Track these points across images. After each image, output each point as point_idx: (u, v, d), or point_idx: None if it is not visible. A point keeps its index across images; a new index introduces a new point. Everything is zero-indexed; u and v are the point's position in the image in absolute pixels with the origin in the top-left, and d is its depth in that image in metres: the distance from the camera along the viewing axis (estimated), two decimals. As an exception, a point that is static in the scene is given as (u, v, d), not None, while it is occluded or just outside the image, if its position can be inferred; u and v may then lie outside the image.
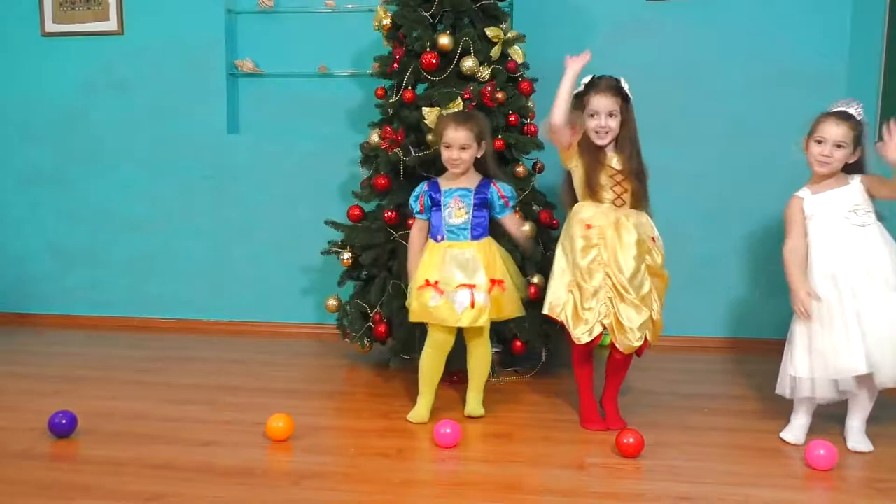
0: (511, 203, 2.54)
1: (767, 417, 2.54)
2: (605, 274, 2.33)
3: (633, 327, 2.32)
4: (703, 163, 3.43)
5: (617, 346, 2.35)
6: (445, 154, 2.46)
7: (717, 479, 2.09)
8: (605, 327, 2.35)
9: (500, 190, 2.51)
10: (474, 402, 2.57)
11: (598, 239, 2.36)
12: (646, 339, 2.36)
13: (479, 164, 2.53)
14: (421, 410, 2.51)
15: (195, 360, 3.31)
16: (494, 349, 2.95)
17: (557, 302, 2.41)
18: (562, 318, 2.40)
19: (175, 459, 2.19)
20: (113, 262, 3.92)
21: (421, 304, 2.44)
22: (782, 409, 2.46)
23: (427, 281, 2.43)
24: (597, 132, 2.37)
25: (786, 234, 2.36)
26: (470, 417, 2.54)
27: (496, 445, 2.34)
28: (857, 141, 2.27)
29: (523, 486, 2.04)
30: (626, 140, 2.39)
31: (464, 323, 2.40)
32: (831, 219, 2.28)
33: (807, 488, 2.07)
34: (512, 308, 2.50)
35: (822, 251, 2.28)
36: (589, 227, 2.37)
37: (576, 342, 2.37)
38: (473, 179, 2.52)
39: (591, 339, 2.35)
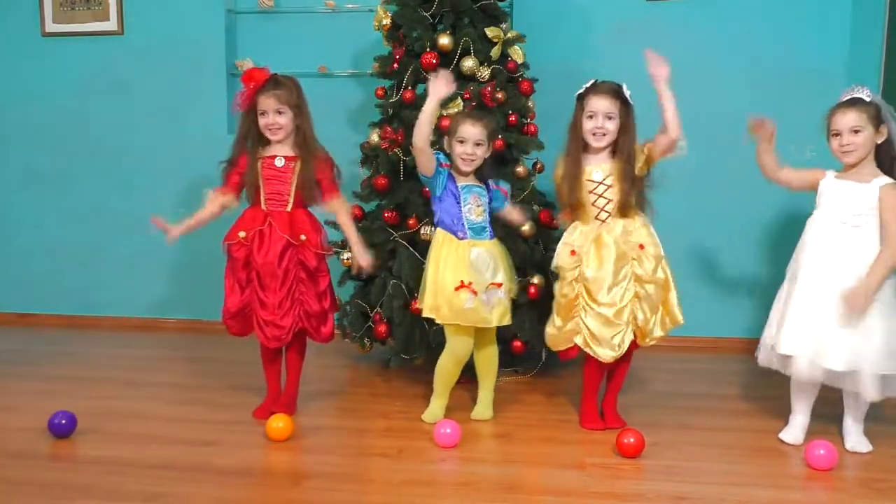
0: (509, 195, 2.56)
1: (767, 417, 2.55)
2: (579, 291, 2.38)
3: (605, 340, 2.36)
4: (703, 163, 3.42)
5: (597, 358, 2.39)
6: (459, 149, 2.42)
7: (716, 479, 2.09)
8: (574, 346, 2.42)
9: (501, 187, 2.53)
10: (484, 405, 2.56)
11: (578, 261, 2.39)
12: (633, 342, 2.39)
13: (479, 173, 2.51)
14: (435, 410, 2.51)
15: (195, 361, 3.31)
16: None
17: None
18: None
19: (175, 459, 2.19)
20: (112, 262, 3.92)
21: (456, 306, 2.37)
22: (782, 410, 2.47)
23: (462, 282, 2.37)
24: (594, 134, 2.36)
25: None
26: (476, 421, 2.53)
27: (496, 445, 2.35)
28: (876, 120, 2.24)
29: (523, 486, 2.04)
30: (626, 144, 2.37)
31: (495, 322, 2.41)
32: (831, 208, 2.28)
33: (807, 488, 2.07)
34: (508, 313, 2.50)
35: (815, 237, 2.30)
36: (573, 253, 2.40)
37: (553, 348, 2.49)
38: (478, 181, 2.50)
39: (558, 347, 2.46)
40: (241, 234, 2.45)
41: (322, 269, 2.51)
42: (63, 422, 2.34)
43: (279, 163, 2.46)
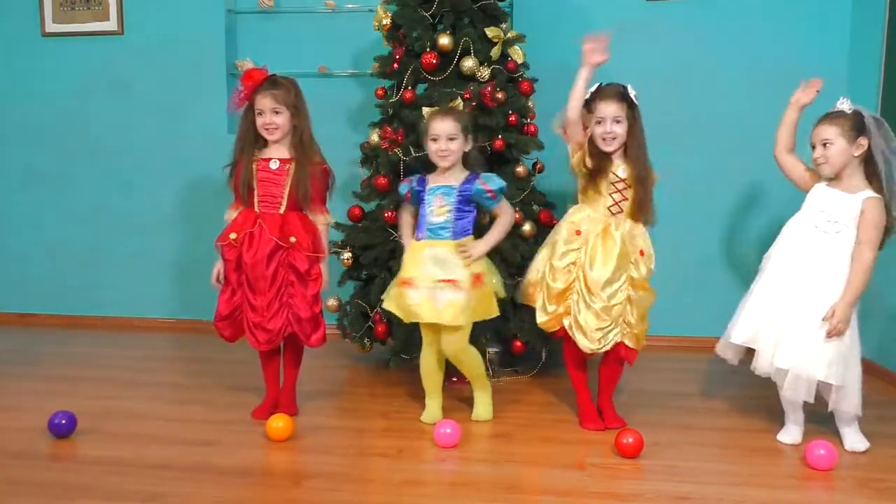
0: (498, 196, 2.47)
1: (767, 417, 2.54)
2: (577, 276, 2.38)
3: (590, 331, 2.36)
4: (703, 163, 3.43)
5: (577, 344, 2.40)
6: (433, 147, 2.43)
7: (716, 479, 2.10)
8: (563, 327, 2.42)
9: (485, 184, 2.44)
10: (481, 406, 2.56)
11: (581, 244, 2.39)
12: (623, 346, 2.40)
13: (465, 161, 2.50)
14: (433, 411, 2.51)
15: (195, 361, 3.31)
16: (494, 349, 2.95)
17: (526, 287, 2.53)
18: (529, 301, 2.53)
19: (175, 459, 2.20)
20: (113, 262, 3.93)
21: (402, 302, 2.42)
22: (781, 410, 2.46)
23: (403, 279, 2.42)
24: (603, 139, 2.37)
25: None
26: (477, 422, 2.53)
27: (496, 445, 2.35)
28: (855, 132, 2.25)
29: (523, 486, 2.05)
30: (634, 147, 2.39)
31: (445, 320, 2.37)
32: (808, 213, 2.31)
33: (806, 488, 2.07)
34: (487, 306, 2.44)
35: (787, 238, 2.34)
36: (578, 233, 2.41)
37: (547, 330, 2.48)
38: (459, 176, 2.47)
39: (552, 329, 2.46)
40: (232, 235, 2.44)
41: (314, 272, 2.47)
42: (63, 422, 2.34)
43: (273, 165, 2.45)
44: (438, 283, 2.37)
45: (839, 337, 2.21)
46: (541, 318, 2.46)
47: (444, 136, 2.41)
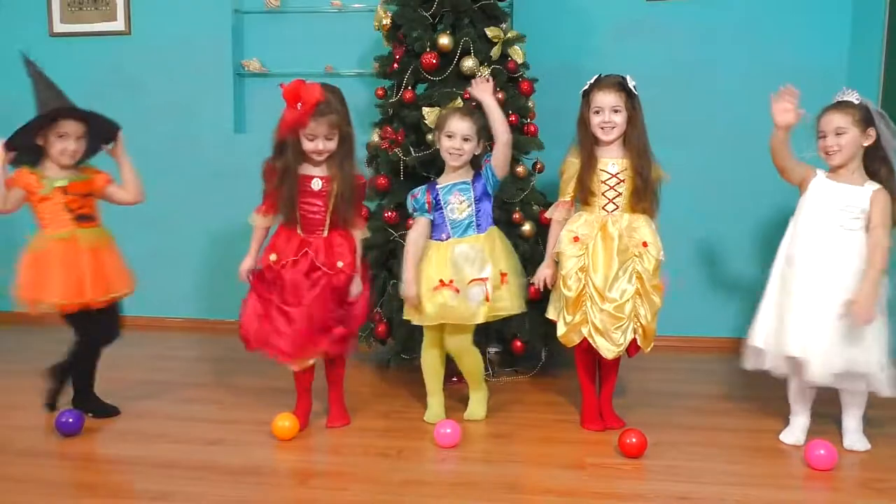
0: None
1: (767, 417, 2.55)
2: (584, 281, 2.37)
3: (608, 333, 2.35)
4: (703, 163, 3.43)
5: (599, 351, 2.38)
6: (447, 144, 2.41)
7: (717, 479, 2.10)
8: (584, 339, 2.39)
9: (489, 160, 2.44)
10: (475, 405, 2.57)
11: (582, 248, 2.39)
12: (634, 343, 2.38)
13: (474, 162, 2.49)
14: (435, 409, 2.53)
15: (201, 360, 3.34)
16: (494, 349, 2.97)
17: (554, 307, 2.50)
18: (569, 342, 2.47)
19: (181, 458, 2.22)
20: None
21: (438, 304, 2.37)
22: (782, 410, 2.47)
23: (442, 281, 2.37)
24: (602, 128, 2.37)
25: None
26: (469, 421, 2.54)
27: (496, 445, 2.36)
28: (864, 122, 2.24)
29: (523, 486, 2.06)
30: (634, 136, 2.38)
31: (480, 319, 2.37)
32: (826, 210, 2.27)
33: (807, 488, 2.08)
34: (515, 302, 2.44)
35: (809, 238, 2.27)
36: (576, 239, 2.40)
37: (568, 344, 2.44)
38: (468, 174, 2.47)
39: (573, 343, 2.42)
40: (272, 257, 2.34)
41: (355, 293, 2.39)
42: (70, 421, 2.37)
43: (316, 185, 2.33)
44: (472, 282, 2.36)
45: (869, 322, 2.16)
46: (561, 331, 2.43)
47: (460, 135, 2.39)
